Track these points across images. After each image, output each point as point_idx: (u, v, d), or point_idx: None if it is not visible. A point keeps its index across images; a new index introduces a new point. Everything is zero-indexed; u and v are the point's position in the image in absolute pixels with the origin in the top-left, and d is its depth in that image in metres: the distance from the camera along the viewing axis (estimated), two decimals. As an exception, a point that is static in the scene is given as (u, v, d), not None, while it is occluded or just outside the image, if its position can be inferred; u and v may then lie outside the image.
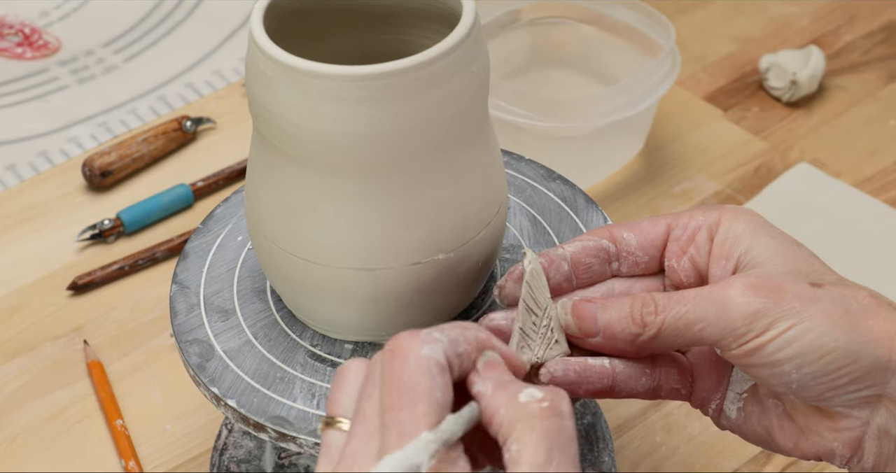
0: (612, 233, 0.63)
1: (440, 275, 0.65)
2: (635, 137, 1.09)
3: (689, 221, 0.62)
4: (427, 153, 0.61)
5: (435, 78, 0.59)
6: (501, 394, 0.50)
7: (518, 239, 0.73)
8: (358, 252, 0.63)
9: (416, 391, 0.49)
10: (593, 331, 0.59)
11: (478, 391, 0.51)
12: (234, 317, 0.70)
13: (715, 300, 0.57)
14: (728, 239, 0.60)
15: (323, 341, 0.69)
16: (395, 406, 0.49)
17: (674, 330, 0.57)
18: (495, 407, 0.50)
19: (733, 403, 0.61)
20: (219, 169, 1.08)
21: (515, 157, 0.79)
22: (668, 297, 0.58)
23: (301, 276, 0.65)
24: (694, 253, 0.62)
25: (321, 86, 0.58)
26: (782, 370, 0.56)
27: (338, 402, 0.53)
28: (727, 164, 1.09)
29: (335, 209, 0.62)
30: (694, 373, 0.62)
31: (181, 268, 0.73)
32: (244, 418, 0.65)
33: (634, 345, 0.59)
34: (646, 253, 0.63)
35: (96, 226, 1.01)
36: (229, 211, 0.76)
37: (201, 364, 0.67)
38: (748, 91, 1.17)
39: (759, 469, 0.84)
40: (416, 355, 0.50)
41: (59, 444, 0.87)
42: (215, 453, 0.84)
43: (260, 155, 0.65)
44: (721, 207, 0.62)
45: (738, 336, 0.56)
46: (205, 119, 1.12)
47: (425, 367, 0.49)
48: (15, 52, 1.23)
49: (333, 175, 0.61)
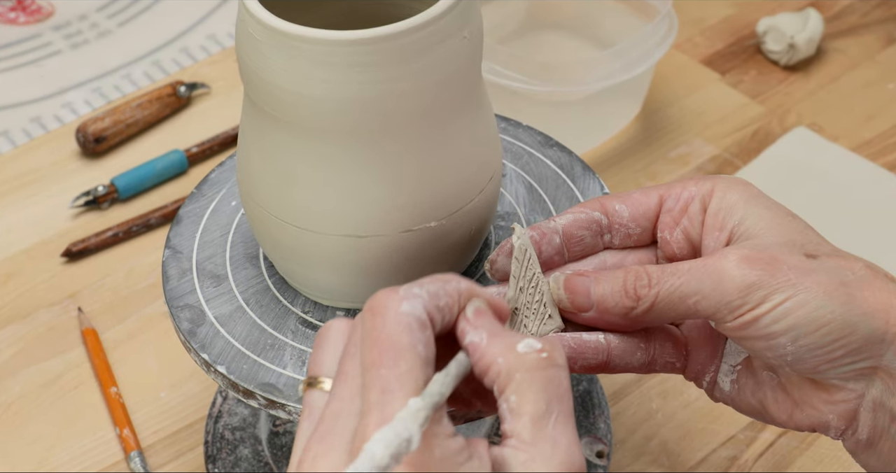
0: (603, 205, 0.62)
1: (432, 243, 0.64)
2: (632, 101, 1.09)
3: (681, 192, 0.62)
4: (418, 119, 0.61)
5: (425, 43, 0.58)
6: (497, 343, 0.50)
7: (514, 207, 0.73)
8: (349, 219, 0.63)
9: (397, 348, 0.48)
10: (586, 306, 0.59)
11: (471, 341, 0.50)
12: (226, 283, 0.70)
13: (710, 272, 0.56)
14: (721, 210, 0.60)
15: (315, 308, 0.68)
16: (375, 364, 0.48)
17: (668, 303, 0.57)
18: (492, 357, 0.49)
19: (727, 375, 0.61)
20: (213, 134, 1.07)
21: (513, 124, 0.78)
22: (661, 270, 0.57)
23: (292, 243, 0.65)
24: (687, 225, 0.61)
25: (311, 51, 0.58)
26: (777, 342, 0.55)
27: (320, 362, 0.53)
28: (724, 128, 1.09)
29: (325, 176, 0.62)
30: (688, 346, 0.62)
31: (174, 233, 0.72)
32: (234, 384, 0.65)
33: (628, 319, 0.58)
34: (638, 224, 0.62)
35: (90, 193, 1.01)
36: (224, 175, 0.76)
37: (192, 329, 0.67)
38: (745, 54, 1.17)
39: (755, 433, 0.84)
40: (395, 312, 0.49)
41: (54, 411, 0.87)
42: (210, 420, 0.83)
43: (251, 120, 0.64)
44: (714, 178, 0.61)
45: (733, 308, 0.55)
46: (199, 84, 1.11)
47: (405, 324, 0.48)
48: (8, 17, 1.22)
49: (323, 141, 0.61)
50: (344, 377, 0.50)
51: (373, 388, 0.47)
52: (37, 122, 1.10)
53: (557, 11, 1.11)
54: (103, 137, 1.05)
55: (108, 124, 1.05)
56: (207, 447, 0.82)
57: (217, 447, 0.82)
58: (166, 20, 1.21)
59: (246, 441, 0.82)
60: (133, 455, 0.82)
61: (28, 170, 1.06)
